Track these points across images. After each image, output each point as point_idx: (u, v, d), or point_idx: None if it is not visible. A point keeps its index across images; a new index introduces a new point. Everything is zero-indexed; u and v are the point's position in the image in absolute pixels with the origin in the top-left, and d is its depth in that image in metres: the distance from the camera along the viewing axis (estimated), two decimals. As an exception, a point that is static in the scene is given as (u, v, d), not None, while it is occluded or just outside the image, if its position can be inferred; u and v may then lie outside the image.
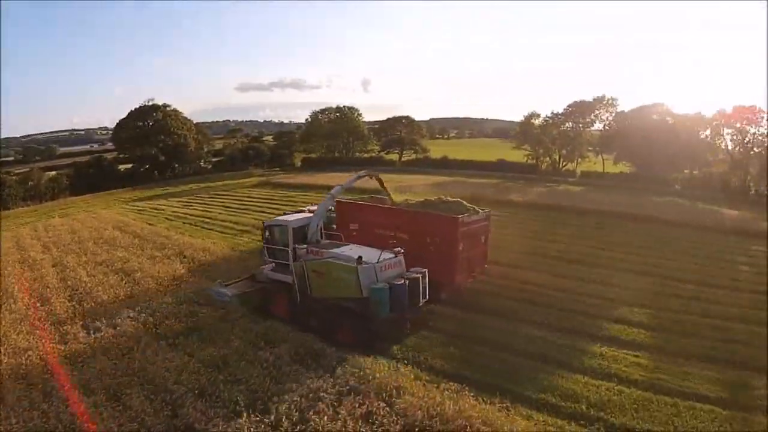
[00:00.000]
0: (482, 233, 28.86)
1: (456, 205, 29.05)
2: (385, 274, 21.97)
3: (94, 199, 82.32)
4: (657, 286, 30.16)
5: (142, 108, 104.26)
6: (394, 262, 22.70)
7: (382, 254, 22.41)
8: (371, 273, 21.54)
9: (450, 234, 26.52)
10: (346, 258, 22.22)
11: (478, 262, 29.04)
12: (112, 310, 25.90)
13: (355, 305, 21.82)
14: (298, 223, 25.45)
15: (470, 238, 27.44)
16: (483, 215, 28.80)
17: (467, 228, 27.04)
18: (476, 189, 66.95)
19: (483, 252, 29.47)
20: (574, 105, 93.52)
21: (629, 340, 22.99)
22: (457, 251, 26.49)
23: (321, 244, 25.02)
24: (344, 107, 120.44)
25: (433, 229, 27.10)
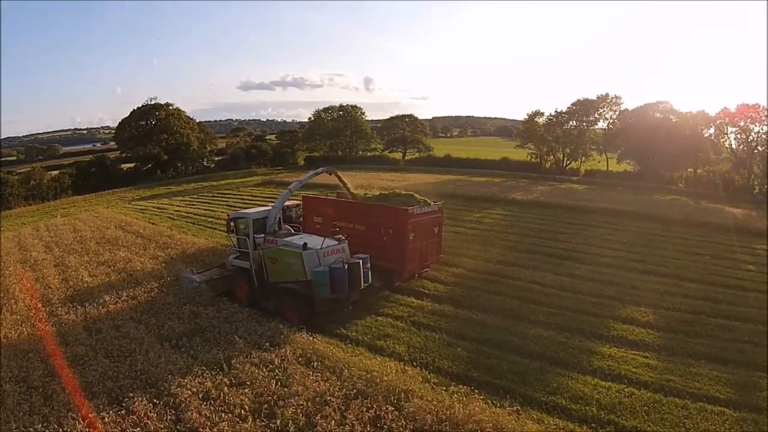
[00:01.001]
0: (435, 225, 30.36)
1: (408, 198, 30.89)
2: (328, 259, 23.81)
3: (97, 198, 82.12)
4: (663, 285, 29.92)
5: (145, 107, 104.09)
6: (337, 248, 24.70)
7: (324, 241, 24.78)
8: (314, 258, 23.63)
9: (400, 225, 28.08)
10: (294, 245, 24.43)
11: (431, 252, 30.61)
12: (114, 311, 25.58)
13: (301, 287, 23.96)
14: (258, 215, 28.06)
15: (422, 229, 28.95)
16: (435, 207, 30.35)
17: (417, 219, 28.57)
18: (479, 188, 67.40)
19: (437, 243, 31.03)
20: (577, 103, 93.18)
21: (637, 341, 22.69)
22: (407, 241, 28.09)
23: (277, 233, 27.09)
24: (347, 106, 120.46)
25: (386, 220, 28.74)
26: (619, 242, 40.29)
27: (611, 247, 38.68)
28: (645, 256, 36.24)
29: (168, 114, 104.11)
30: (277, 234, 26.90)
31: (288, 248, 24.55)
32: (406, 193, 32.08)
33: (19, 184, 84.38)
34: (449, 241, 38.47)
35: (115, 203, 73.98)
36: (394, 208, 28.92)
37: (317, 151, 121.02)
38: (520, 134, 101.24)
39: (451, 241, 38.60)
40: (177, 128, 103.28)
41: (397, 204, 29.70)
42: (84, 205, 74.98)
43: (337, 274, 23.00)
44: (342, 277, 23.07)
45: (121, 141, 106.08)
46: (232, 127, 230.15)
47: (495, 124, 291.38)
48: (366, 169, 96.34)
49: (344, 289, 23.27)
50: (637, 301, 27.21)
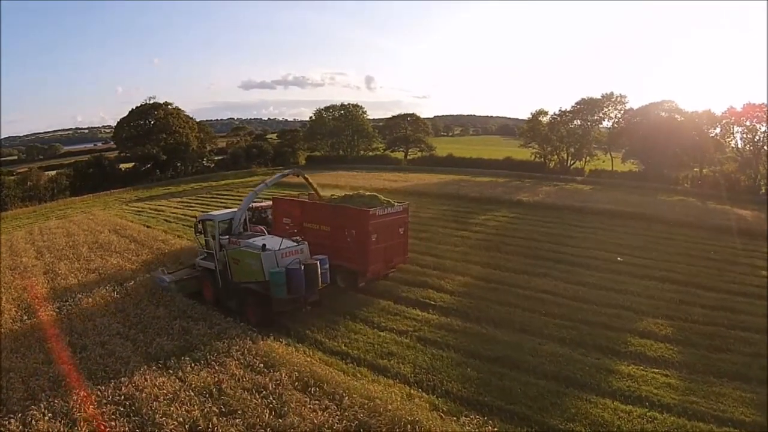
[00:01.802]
0: (399, 225, 30.19)
1: (371, 199, 30.71)
2: (286, 260, 24.18)
3: (94, 199, 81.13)
4: (679, 294, 28.46)
5: (143, 106, 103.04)
6: (295, 249, 25.12)
7: (283, 242, 25.36)
8: (272, 259, 24.08)
9: (362, 226, 28.22)
10: (254, 246, 24.95)
11: (397, 253, 30.44)
12: (102, 325, 24.11)
13: (261, 287, 24.49)
14: (224, 217, 28.58)
15: (385, 230, 28.97)
16: (399, 208, 30.30)
17: (380, 220, 28.59)
18: (483, 188, 66.52)
19: (402, 243, 30.85)
20: (582, 102, 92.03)
21: (656, 357, 21.33)
22: (369, 242, 28.14)
23: (242, 235, 27.55)
24: (349, 105, 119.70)
25: (349, 221, 28.99)
26: (630, 246, 38.85)
27: (622, 252, 37.18)
28: (656, 261, 34.86)
29: (167, 113, 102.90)
30: (241, 235, 27.35)
31: (248, 249, 25.11)
32: (370, 194, 32.02)
33: (15, 185, 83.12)
34: (455, 246, 37.87)
35: (112, 205, 72.90)
36: (356, 209, 29.03)
37: (318, 151, 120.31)
38: (523, 134, 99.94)
39: (457, 246, 37.76)
40: (176, 128, 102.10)
41: (359, 205, 29.65)
42: (81, 207, 73.88)
43: (293, 274, 23.39)
44: (298, 278, 23.49)
45: (119, 141, 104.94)
46: (233, 126, 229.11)
47: (497, 123, 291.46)
48: (367, 168, 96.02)
49: (301, 290, 23.72)
50: (653, 312, 25.77)
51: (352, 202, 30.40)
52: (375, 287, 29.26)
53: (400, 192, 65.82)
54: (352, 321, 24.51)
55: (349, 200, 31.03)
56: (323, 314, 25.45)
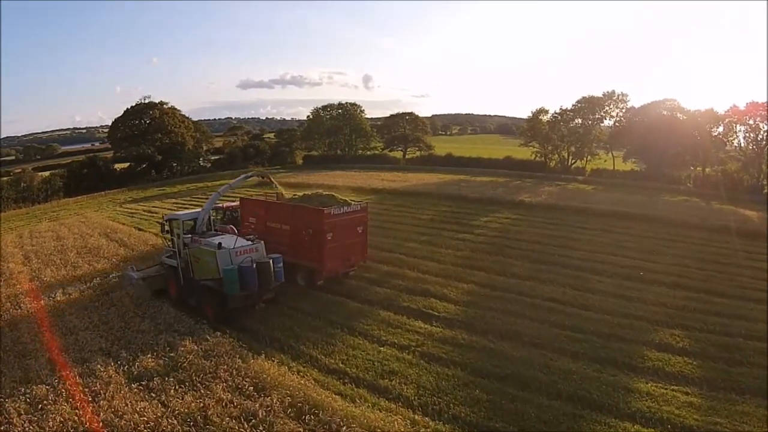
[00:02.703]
0: (357, 224, 30.62)
1: (328, 198, 31.52)
2: (241, 258, 24.77)
3: (88, 200, 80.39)
4: (692, 301, 27.16)
5: (138, 106, 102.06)
6: (250, 248, 25.68)
7: (237, 241, 26.06)
8: (227, 256, 24.59)
9: (318, 225, 28.64)
10: (211, 244, 25.44)
11: (355, 252, 30.89)
12: (84, 340, 22.75)
13: (217, 284, 24.81)
14: (188, 217, 29.34)
15: (342, 229, 29.37)
16: (357, 207, 30.81)
17: (335, 219, 29.04)
18: (484, 189, 65.65)
19: (361, 242, 31.23)
20: (583, 101, 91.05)
21: (675, 372, 19.90)
22: (325, 240, 28.56)
23: (205, 234, 27.81)
24: (346, 103, 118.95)
25: (306, 221, 29.46)
26: (637, 249, 37.64)
27: (629, 255, 35.96)
28: (666, 265, 33.58)
29: (162, 113, 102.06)
30: (204, 234, 27.67)
31: (206, 248, 25.61)
32: (328, 193, 32.86)
33: (9, 186, 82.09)
34: (457, 250, 36.76)
35: (106, 206, 71.82)
36: (312, 209, 29.62)
37: (316, 150, 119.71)
38: (524, 133, 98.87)
39: (459, 250, 36.62)
40: (171, 127, 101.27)
41: (317, 204, 30.27)
42: (74, 208, 73.09)
43: (245, 272, 24.03)
44: (250, 275, 24.15)
45: (114, 141, 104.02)
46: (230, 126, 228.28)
47: (495, 122, 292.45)
48: (366, 168, 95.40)
49: (253, 287, 24.38)
50: (667, 321, 24.46)
51: (310, 202, 31.15)
52: (374, 296, 27.96)
53: (399, 192, 65.44)
54: (351, 334, 23.04)
55: (307, 200, 31.78)
56: (320, 327, 24.01)
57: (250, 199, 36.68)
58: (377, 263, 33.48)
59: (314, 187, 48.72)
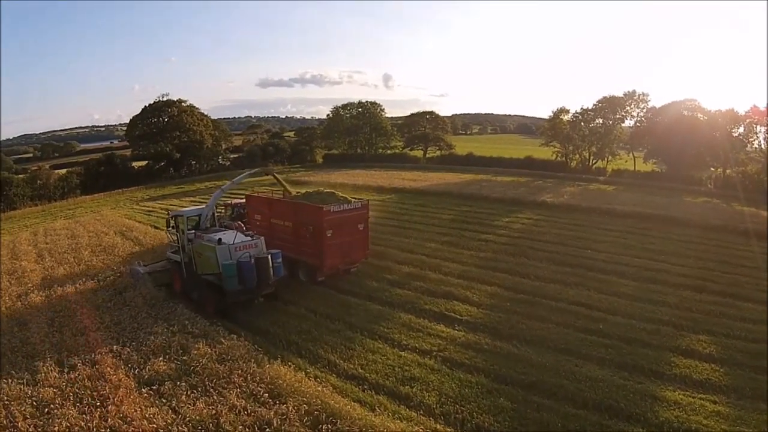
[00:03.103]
0: (358, 222, 31.06)
1: (328, 196, 31.79)
2: (240, 253, 25.36)
3: (105, 198, 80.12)
4: (717, 305, 26.47)
5: (156, 104, 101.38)
6: (249, 243, 26.19)
7: (237, 236, 26.34)
8: (226, 252, 25.21)
9: (317, 222, 29.08)
10: (212, 240, 26.01)
11: (356, 249, 31.22)
12: (94, 341, 21.93)
13: (217, 279, 25.62)
14: (192, 213, 30.06)
15: (342, 226, 29.81)
16: (358, 205, 31.27)
17: (335, 217, 29.44)
18: (506, 189, 65.03)
19: (362, 239, 31.64)
20: (604, 100, 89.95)
21: (702, 380, 19.23)
22: (324, 237, 28.95)
23: (208, 230, 28.53)
24: (366, 102, 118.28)
25: (307, 218, 29.98)
26: (660, 252, 36.77)
27: (654, 258, 35.08)
28: (691, 268, 32.82)
29: (180, 111, 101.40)
30: (207, 230, 28.32)
31: (207, 243, 26.18)
32: (329, 191, 33.25)
33: (24, 183, 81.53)
34: (479, 251, 36.13)
35: (123, 204, 71.62)
36: (312, 206, 29.95)
37: (336, 149, 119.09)
38: (545, 132, 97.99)
39: (482, 251, 36.01)
40: (190, 125, 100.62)
41: (317, 202, 30.48)
42: (91, 206, 72.76)
43: (244, 267, 24.60)
44: (249, 271, 24.69)
45: (132, 139, 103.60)
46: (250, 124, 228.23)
47: (515, 122, 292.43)
48: (386, 167, 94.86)
49: (252, 282, 24.91)
50: (693, 326, 23.79)
51: (311, 199, 31.32)
52: (395, 298, 27.18)
53: (420, 192, 64.69)
54: (370, 338, 22.22)
55: (308, 197, 31.94)
56: (338, 330, 23.21)
57: (255, 196, 36.99)
58: (398, 264, 32.90)
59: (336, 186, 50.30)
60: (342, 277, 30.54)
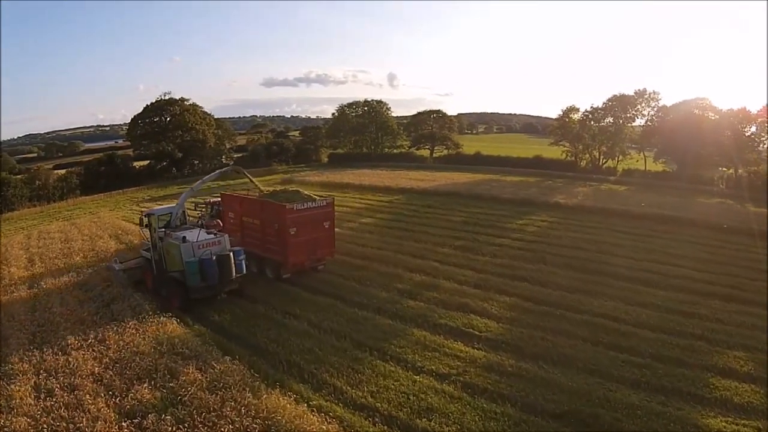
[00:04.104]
0: (324, 219, 31.42)
1: (293, 194, 32.09)
2: (204, 250, 26.10)
3: (105, 199, 78.14)
4: (749, 316, 24.77)
5: (158, 102, 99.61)
6: (212, 241, 26.93)
7: (200, 234, 27.21)
8: (189, 249, 25.96)
9: (281, 220, 29.65)
10: (177, 238, 26.70)
11: (322, 246, 31.56)
12: (75, 361, 19.80)
13: (181, 276, 26.19)
14: (163, 212, 30.46)
15: (306, 224, 30.19)
16: (323, 203, 31.63)
17: (299, 215, 29.88)
18: (517, 189, 63.44)
19: (328, 237, 31.95)
20: (614, 99, 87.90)
21: (744, 404, 17.58)
22: (288, 235, 29.44)
23: (178, 228, 29.13)
24: (372, 101, 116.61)
25: (272, 216, 30.52)
26: (683, 256, 34.90)
27: (677, 263, 33.08)
28: (717, 275, 30.90)
29: (183, 110, 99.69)
30: (176, 229, 28.97)
31: (174, 241, 26.85)
32: (293, 189, 33.94)
33: (23, 184, 79.69)
34: (495, 256, 34.23)
35: (123, 205, 69.92)
36: (276, 204, 30.35)
37: (341, 148, 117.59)
38: (554, 131, 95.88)
39: (497, 257, 34.11)
40: (192, 124, 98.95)
41: (282, 200, 30.70)
42: (91, 207, 71.01)
43: (205, 264, 25.32)
44: (211, 267, 25.40)
45: (134, 138, 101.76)
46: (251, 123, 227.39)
47: (520, 121, 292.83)
48: (393, 167, 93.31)
49: (214, 278, 25.60)
50: (727, 341, 22.07)
51: (276, 198, 31.62)
52: (407, 311, 25.11)
53: (428, 192, 63.00)
54: (381, 359, 20.03)
55: (274, 195, 32.40)
56: (345, 349, 21.01)
57: (229, 194, 37.13)
58: (409, 272, 31.05)
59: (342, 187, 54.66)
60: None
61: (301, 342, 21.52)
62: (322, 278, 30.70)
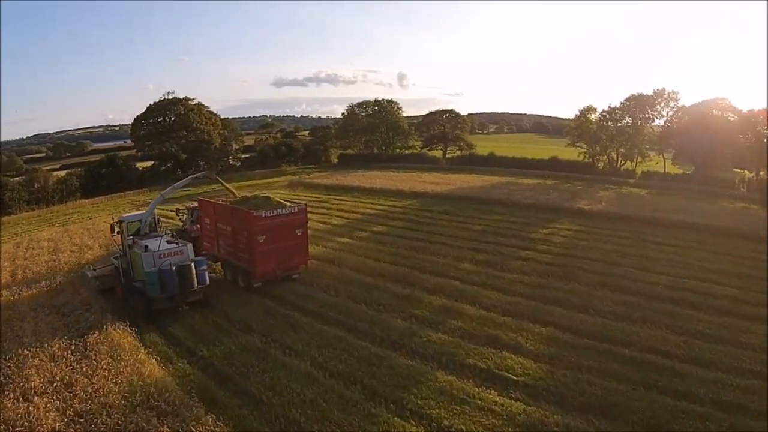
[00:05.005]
0: (296, 227, 30.38)
1: (263, 201, 31.17)
2: (165, 260, 25.47)
3: (106, 201, 75.78)
4: None
5: (161, 102, 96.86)
6: (174, 250, 26.35)
7: (161, 244, 26.56)
8: (150, 259, 25.42)
9: (249, 227, 28.84)
10: (139, 247, 26.43)
11: (294, 255, 30.55)
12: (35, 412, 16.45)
13: (141, 285, 25.78)
14: (132, 219, 30.26)
15: (276, 231, 29.20)
16: (294, 209, 30.50)
17: (268, 222, 28.94)
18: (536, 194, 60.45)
19: (300, 245, 30.85)
20: (632, 98, 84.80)
21: None
22: (256, 242, 28.56)
23: (146, 236, 28.73)
24: (383, 100, 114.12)
25: (241, 223, 29.69)
26: (723, 272, 31.38)
27: (718, 281, 29.61)
28: (760, 294, 27.38)
29: (187, 109, 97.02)
30: (145, 236, 28.62)
31: (138, 250, 26.43)
32: (263, 195, 32.75)
33: (20, 187, 77.04)
34: (523, 273, 30.94)
35: (123, 209, 66.40)
36: (244, 211, 29.53)
37: (351, 148, 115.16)
38: (570, 132, 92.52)
39: (526, 274, 30.71)
40: (197, 124, 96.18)
41: (252, 207, 30.00)
42: (89, 211, 68.95)
43: (165, 275, 24.78)
44: (170, 278, 24.84)
45: (137, 139, 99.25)
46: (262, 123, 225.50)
47: (530, 121, 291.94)
48: (404, 168, 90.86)
49: (173, 289, 25.12)
50: None
51: (246, 204, 30.91)
52: (428, 346, 21.47)
53: (443, 197, 60.28)
54: (399, 415, 16.39)
55: (245, 202, 31.61)
56: (356, 401, 17.26)
57: (205, 200, 36.63)
58: (428, 294, 27.54)
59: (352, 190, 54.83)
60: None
61: (303, 390, 17.73)
62: (330, 301, 27.24)
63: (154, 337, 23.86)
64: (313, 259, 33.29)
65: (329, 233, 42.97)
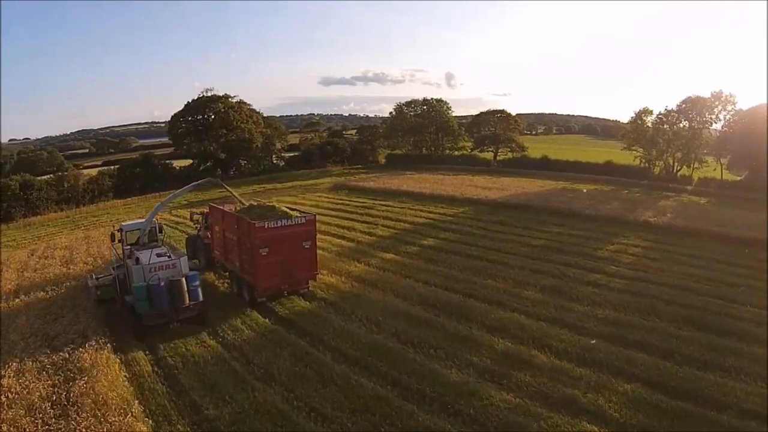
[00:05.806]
0: (303, 239, 28.72)
1: (268, 210, 29.35)
2: (156, 274, 24.38)
3: (139, 202, 73.11)
4: None
5: (200, 99, 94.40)
6: (166, 263, 25.09)
7: (152, 257, 25.29)
8: (140, 273, 24.49)
9: (251, 238, 27.33)
10: (132, 258, 25.96)
11: (301, 269, 28.89)
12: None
13: (131, 299, 24.48)
14: (131, 228, 29.45)
15: (282, 243, 27.66)
16: (301, 220, 28.82)
17: (272, 233, 27.40)
18: (597, 203, 55.69)
19: (309, 258, 29.20)
20: (688, 101, 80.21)
21: None
22: (258, 255, 27.07)
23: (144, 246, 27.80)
24: (431, 99, 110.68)
25: (244, 233, 28.18)
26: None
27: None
28: None
29: (228, 107, 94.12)
30: (143, 246, 27.75)
31: (130, 262, 25.92)
32: (269, 204, 30.70)
33: (48, 186, 74.48)
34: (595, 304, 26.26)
35: (156, 211, 62.83)
36: (247, 221, 27.87)
37: (399, 149, 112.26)
38: (626, 135, 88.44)
39: (599, 306, 26.09)
40: (238, 123, 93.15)
41: (256, 216, 28.24)
42: (121, 212, 66.35)
43: (153, 290, 23.47)
44: (159, 294, 23.48)
45: (174, 137, 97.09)
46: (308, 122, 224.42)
47: (578, 122, 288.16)
48: (454, 170, 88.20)
49: (163, 306, 23.63)
50: None
51: (251, 213, 29.14)
52: (492, 413, 16.84)
53: (498, 204, 55.98)
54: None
55: (250, 211, 29.80)
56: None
57: (215, 206, 34.72)
58: (488, 333, 22.96)
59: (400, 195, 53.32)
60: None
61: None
62: (371, 341, 22.54)
63: (155, 385, 19.80)
64: (354, 281, 30.82)
65: (374, 247, 39.17)
